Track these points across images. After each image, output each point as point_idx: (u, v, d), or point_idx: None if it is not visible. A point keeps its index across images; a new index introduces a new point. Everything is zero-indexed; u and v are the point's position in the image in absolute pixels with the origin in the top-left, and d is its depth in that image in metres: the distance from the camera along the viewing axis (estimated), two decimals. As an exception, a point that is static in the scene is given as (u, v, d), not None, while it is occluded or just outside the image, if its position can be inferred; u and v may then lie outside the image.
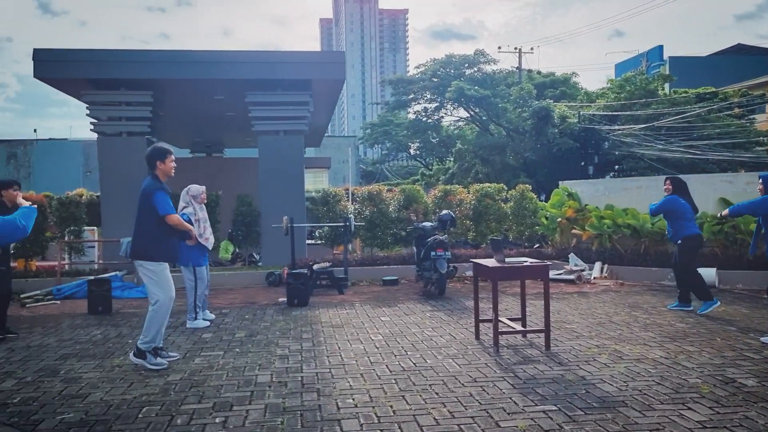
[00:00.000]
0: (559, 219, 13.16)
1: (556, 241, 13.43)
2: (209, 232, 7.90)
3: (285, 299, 9.32)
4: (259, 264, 13.72)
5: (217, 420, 4.22)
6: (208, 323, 7.72)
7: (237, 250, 14.67)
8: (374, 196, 13.33)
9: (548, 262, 6.57)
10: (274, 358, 5.90)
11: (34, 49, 11.69)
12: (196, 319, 7.70)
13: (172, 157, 5.93)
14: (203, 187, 8.07)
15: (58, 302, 10.04)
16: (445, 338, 6.62)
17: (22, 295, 9.95)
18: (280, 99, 12.96)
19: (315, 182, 29.06)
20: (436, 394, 4.69)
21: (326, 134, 23.80)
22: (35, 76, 11.72)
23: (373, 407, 4.40)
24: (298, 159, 13.35)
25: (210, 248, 7.99)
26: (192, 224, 7.29)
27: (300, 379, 5.18)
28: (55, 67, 11.94)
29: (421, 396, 4.64)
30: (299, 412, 4.35)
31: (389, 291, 10.47)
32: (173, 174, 5.91)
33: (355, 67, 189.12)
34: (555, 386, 4.81)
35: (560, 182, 14.18)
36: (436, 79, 40.38)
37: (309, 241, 14.35)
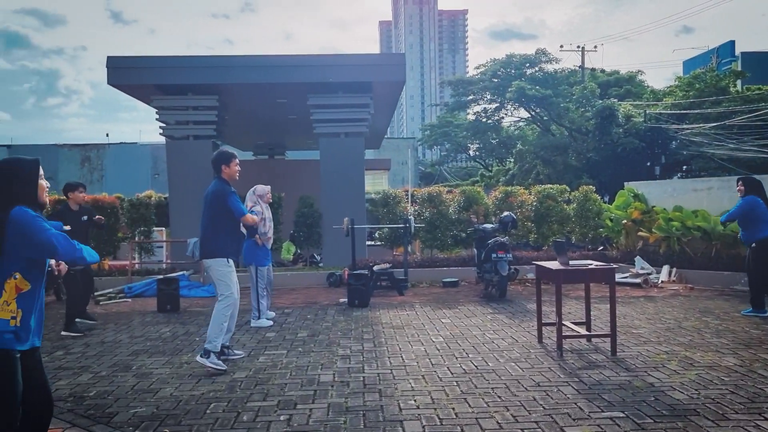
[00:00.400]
0: (625, 221, 12.81)
1: (621, 243, 13.08)
2: (272, 232, 8.08)
3: (346, 300, 9.40)
4: (320, 265, 13.89)
5: (281, 418, 4.30)
6: (271, 323, 7.87)
7: (299, 251, 14.90)
8: (434, 197, 13.30)
9: (614, 265, 6.41)
10: (336, 358, 5.96)
11: (108, 57, 12.20)
12: (259, 318, 7.87)
13: (237, 160, 6.07)
14: (268, 187, 8.25)
15: (129, 300, 10.43)
16: (507, 341, 6.54)
17: (96, 293, 10.38)
18: (341, 101, 13.10)
19: (374, 184, 29.19)
20: (499, 397, 4.64)
21: (385, 136, 23.91)
22: (109, 83, 12.22)
23: (435, 409, 4.40)
24: (359, 161, 13.46)
25: (269, 248, 8.17)
26: (245, 211, 7.59)
27: (362, 379, 5.22)
28: (127, 74, 12.41)
29: (483, 399, 4.61)
30: (362, 412, 4.38)
31: (449, 293, 10.43)
32: (237, 177, 6.06)
33: (414, 68, 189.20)
34: (622, 393, 4.69)
35: (625, 183, 13.81)
36: (496, 80, 40.01)
37: (369, 243, 14.43)
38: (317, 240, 13.59)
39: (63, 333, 7.39)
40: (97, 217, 8.25)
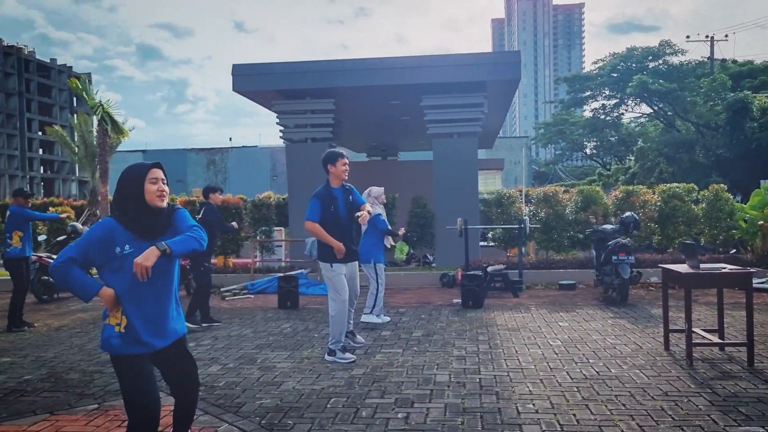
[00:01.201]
0: (761, 222, 11.88)
1: (756, 246, 12.13)
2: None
3: (459, 300, 9.37)
4: (433, 265, 13.93)
5: (399, 415, 4.36)
6: (380, 319, 7.95)
7: (411, 251, 15.01)
8: (550, 197, 12.97)
9: (751, 269, 5.97)
10: (452, 359, 5.96)
11: (233, 65, 12.87)
12: (371, 313, 7.99)
13: (344, 160, 6.17)
14: (382, 188, 8.38)
15: (252, 296, 10.94)
16: (630, 347, 6.26)
17: (222, 289, 11.00)
18: (454, 102, 13.07)
19: (487, 184, 28.83)
20: (623, 405, 4.46)
21: (498, 135, 23.58)
22: (234, 89, 12.88)
23: (555, 414, 4.29)
24: (472, 161, 13.37)
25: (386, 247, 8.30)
26: (389, 227, 7.74)
27: (478, 380, 5.18)
28: (250, 81, 13.04)
29: (606, 406, 4.44)
30: (479, 413, 4.35)
31: (566, 295, 10.13)
32: (346, 177, 6.17)
33: (527, 65, 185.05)
34: (762, 406, 4.36)
35: (762, 181, 12.81)
36: (615, 74, 38.41)
37: (482, 243, 14.28)
38: (430, 240, 13.63)
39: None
40: (233, 223, 9.11)
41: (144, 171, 3.11)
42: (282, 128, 13.75)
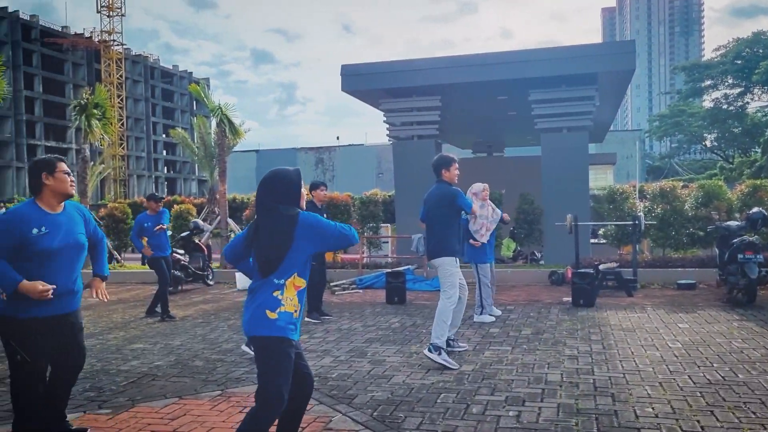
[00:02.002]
0: None
1: None
2: (484, 229, 8.07)
3: (569, 299, 9.13)
4: (541, 262, 13.65)
5: (510, 414, 4.32)
6: (493, 318, 7.92)
7: (519, 248, 14.78)
8: (667, 193, 12.36)
9: None
10: (563, 358, 5.83)
11: (342, 66, 13.19)
12: (482, 314, 7.96)
13: (456, 165, 6.21)
14: (485, 185, 8.27)
15: (361, 291, 11.17)
16: (759, 351, 5.87)
17: (332, 284, 11.31)
18: (563, 95, 12.74)
19: (597, 179, 27.82)
20: (753, 413, 4.19)
21: (609, 129, 22.69)
22: (342, 89, 13.21)
23: (677, 420, 4.10)
24: (582, 156, 12.98)
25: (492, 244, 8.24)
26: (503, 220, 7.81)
27: (592, 381, 5.04)
28: (358, 80, 13.31)
29: (733, 413, 4.19)
30: (594, 415, 4.24)
31: (685, 295, 9.62)
32: (456, 180, 6.19)
33: (640, 55, 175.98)
34: None
35: None
36: (739, 62, 36.00)
37: (592, 240, 13.84)
38: (538, 237, 13.38)
39: (306, 318, 8.15)
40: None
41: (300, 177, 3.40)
42: (389, 126, 13.93)
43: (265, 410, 3.16)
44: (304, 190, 3.41)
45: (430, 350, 5.78)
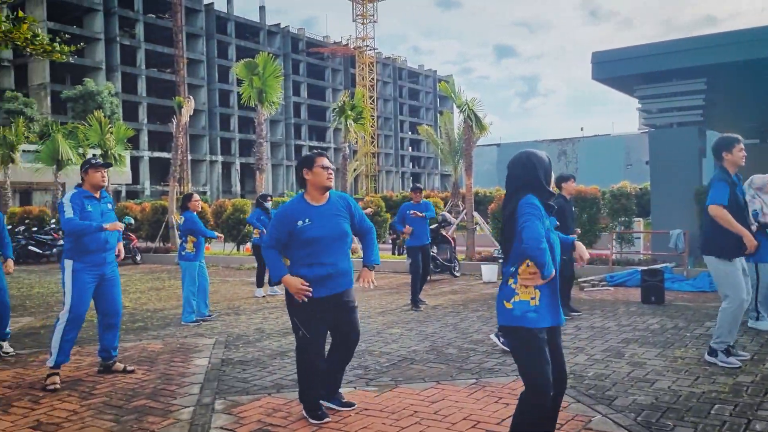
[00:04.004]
0: None
1: None
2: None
3: None
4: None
5: (803, 435, 3.79)
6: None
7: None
8: None
9: None
10: None
11: (592, 53, 12.62)
12: (757, 319, 7.07)
13: (740, 146, 5.54)
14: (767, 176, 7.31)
15: (611, 289, 10.62)
16: None
17: (579, 279, 10.92)
18: None
19: None
20: None
21: None
22: (593, 77, 12.63)
23: None
24: None
25: None
26: (764, 222, 6.78)
27: None
28: (610, 67, 12.63)
29: None
30: None
31: None
32: (743, 163, 5.53)
33: None
34: None
35: None
36: None
37: None
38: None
39: None
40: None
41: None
42: (644, 114, 13.01)
43: (529, 397, 3.20)
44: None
45: (708, 354, 5.41)
